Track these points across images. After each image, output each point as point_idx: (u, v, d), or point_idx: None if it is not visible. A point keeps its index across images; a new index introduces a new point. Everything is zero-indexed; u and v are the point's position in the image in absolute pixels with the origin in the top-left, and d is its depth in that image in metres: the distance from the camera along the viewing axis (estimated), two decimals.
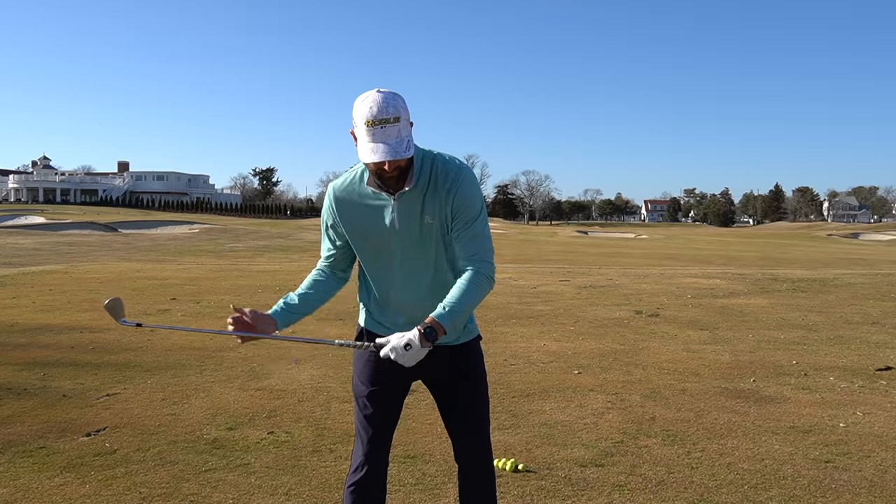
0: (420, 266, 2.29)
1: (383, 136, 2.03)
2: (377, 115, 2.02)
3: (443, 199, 2.20)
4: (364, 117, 2.03)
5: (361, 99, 2.07)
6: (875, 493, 3.45)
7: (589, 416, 4.69)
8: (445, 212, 2.21)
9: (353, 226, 2.30)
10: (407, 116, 2.08)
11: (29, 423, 4.41)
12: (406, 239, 2.25)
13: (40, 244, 28.64)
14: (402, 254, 2.27)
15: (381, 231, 2.25)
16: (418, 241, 2.25)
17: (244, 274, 15.40)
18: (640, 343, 7.33)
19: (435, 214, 2.21)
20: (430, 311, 2.17)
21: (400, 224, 2.22)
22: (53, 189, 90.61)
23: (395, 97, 2.06)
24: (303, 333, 7.65)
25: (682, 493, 3.44)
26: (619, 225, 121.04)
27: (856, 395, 5.30)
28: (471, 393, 2.45)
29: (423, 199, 2.20)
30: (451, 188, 2.19)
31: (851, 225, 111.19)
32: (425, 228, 2.23)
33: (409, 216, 2.22)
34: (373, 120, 2.02)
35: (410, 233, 2.24)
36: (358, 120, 2.06)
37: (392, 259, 2.29)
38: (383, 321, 2.37)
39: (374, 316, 2.40)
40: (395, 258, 2.28)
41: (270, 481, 3.53)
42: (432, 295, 2.28)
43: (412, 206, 2.21)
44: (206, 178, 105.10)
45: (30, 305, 9.74)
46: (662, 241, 54.30)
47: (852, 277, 14.94)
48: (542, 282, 13.67)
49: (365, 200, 2.26)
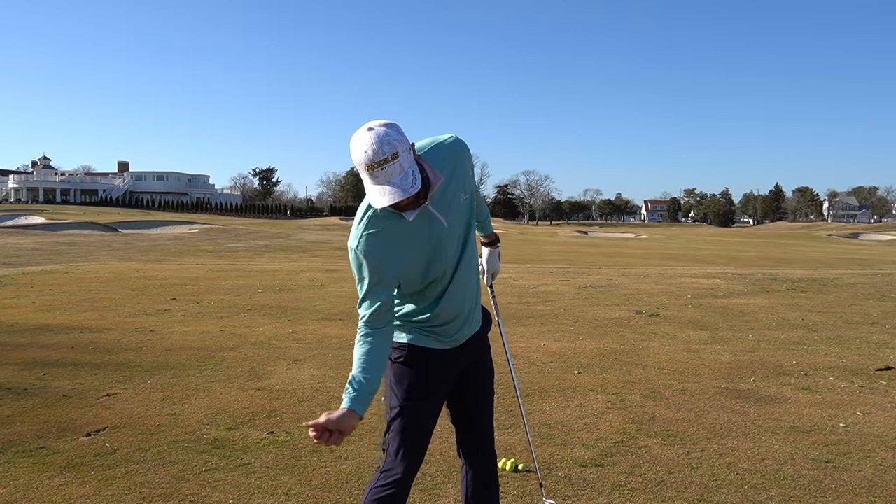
0: (470, 255, 2.32)
1: (385, 177, 1.95)
2: (373, 158, 1.92)
3: (462, 165, 2.24)
4: (362, 162, 1.94)
5: (355, 142, 1.96)
6: (875, 493, 3.45)
7: (589, 416, 4.69)
8: (469, 178, 2.29)
9: (408, 259, 2.15)
10: (405, 146, 1.97)
11: (29, 423, 4.41)
12: (454, 234, 2.23)
13: (40, 244, 28.64)
14: (456, 255, 2.26)
15: (436, 241, 2.18)
16: (461, 228, 2.25)
17: (244, 274, 15.39)
18: (640, 343, 7.33)
19: (465, 186, 2.25)
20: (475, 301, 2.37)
21: (448, 221, 2.19)
22: (53, 189, 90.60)
23: (387, 132, 1.94)
24: (303, 333, 7.66)
25: (682, 493, 3.44)
26: (619, 225, 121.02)
27: (856, 395, 5.30)
28: (489, 384, 2.53)
29: (450, 181, 2.19)
30: (460, 154, 2.24)
31: (851, 225, 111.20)
32: (465, 207, 2.25)
33: (449, 203, 2.20)
34: (371, 164, 1.93)
35: (456, 226, 2.23)
36: (357, 165, 1.98)
37: (450, 265, 2.25)
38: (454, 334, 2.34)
39: (437, 334, 2.33)
40: (454, 262, 2.25)
41: (270, 481, 3.53)
42: (473, 284, 2.35)
43: (446, 194, 2.19)
44: (206, 178, 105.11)
45: (30, 305, 9.74)
46: (662, 241, 54.30)
47: (852, 277, 14.93)
48: (542, 282, 13.67)
49: (402, 225, 2.11)
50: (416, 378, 2.31)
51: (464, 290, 2.30)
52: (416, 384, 2.31)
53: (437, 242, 2.18)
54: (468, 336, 2.38)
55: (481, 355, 2.47)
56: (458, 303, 2.29)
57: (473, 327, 2.40)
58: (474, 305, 2.38)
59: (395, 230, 2.11)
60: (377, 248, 2.10)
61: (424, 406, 2.32)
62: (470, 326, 2.37)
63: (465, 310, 2.32)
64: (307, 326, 8.17)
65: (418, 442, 2.32)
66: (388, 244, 2.11)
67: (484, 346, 2.48)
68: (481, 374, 2.49)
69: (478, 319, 2.43)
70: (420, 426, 2.32)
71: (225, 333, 7.64)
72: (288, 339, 7.39)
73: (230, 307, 9.73)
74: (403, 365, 2.31)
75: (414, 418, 2.31)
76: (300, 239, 37.31)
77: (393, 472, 2.29)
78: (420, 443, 2.33)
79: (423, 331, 2.30)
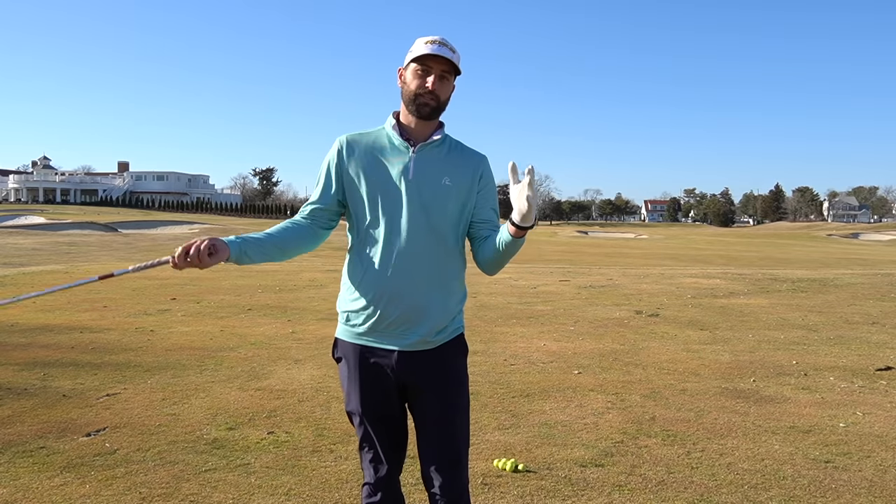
0: (425, 235, 2.13)
1: (441, 48, 2.13)
2: (440, 39, 2.15)
3: (470, 170, 2.23)
4: (426, 39, 2.15)
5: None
6: (875, 493, 3.45)
7: (589, 416, 4.69)
8: (469, 185, 2.21)
9: (364, 174, 2.18)
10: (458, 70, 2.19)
11: (29, 423, 4.41)
12: (418, 194, 2.13)
13: (40, 244, 28.63)
14: (409, 214, 2.12)
15: (394, 181, 2.16)
16: (430, 202, 2.14)
17: (244, 274, 15.38)
18: (640, 343, 7.33)
19: (455, 181, 2.19)
20: (427, 302, 2.13)
21: (415, 174, 2.15)
22: (53, 189, 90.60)
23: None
24: (303, 333, 7.66)
25: (682, 493, 3.44)
26: (619, 225, 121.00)
27: (856, 395, 5.30)
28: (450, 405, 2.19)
29: (445, 161, 2.21)
30: (478, 164, 2.26)
31: (851, 225, 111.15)
32: (441, 190, 2.16)
33: (428, 172, 2.17)
34: (435, 39, 2.15)
35: (424, 189, 2.14)
36: (417, 45, 2.15)
37: (398, 221, 2.13)
38: (372, 323, 2.16)
39: (358, 319, 2.19)
40: (400, 219, 2.13)
41: (270, 481, 3.53)
42: (431, 281, 2.14)
43: (432, 163, 2.19)
44: (206, 178, 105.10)
45: (30, 305, 9.74)
46: (662, 241, 54.28)
47: (852, 277, 14.93)
48: (542, 282, 13.66)
49: (382, 149, 2.21)
50: (345, 378, 2.26)
51: (401, 268, 2.11)
52: (346, 384, 2.25)
53: (394, 183, 2.16)
54: (388, 338, 2.15)
55: (433, 382, 2.17)
56: (385, 274, 2.12)
57: (401, 332, 2.15)
58: (414, 304, 2.13)
59: (376, 149, 2.21)
60: (349, 146, 2.22)
61: (365, 411, 2.20)
62: (395, 323, 2.14)
63: (388, 290, 2.12)
64: (307, 326, 8.17)
65: (373, 447, 2.22)
66: (361, 152, 2.21)
67: (439, 373, 2.18)
68: (429, 405, 2.18)
69: (420, 331, 2.15)
70: (367, 432, 2.22)
71: (225, 333, 7.64)
72: (288, 339, 7.38)
73: (230, 307, 9.73)
74: (337, 362, 2.31)
75: (360, 423, 2.23)
76: None
77: (365, 479, 2.28)
78: (375, 448, 2.22)
79: (349, 315, 2.23)
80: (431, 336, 2.16)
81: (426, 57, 2.13)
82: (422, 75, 2.14)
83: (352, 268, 2.23)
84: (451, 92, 2.21)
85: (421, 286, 2.14)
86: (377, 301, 2.14)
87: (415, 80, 2.15)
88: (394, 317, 2.13)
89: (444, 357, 2.19)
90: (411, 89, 2.16)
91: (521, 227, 2.02)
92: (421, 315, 2.14)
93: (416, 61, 2.14)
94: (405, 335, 2.15)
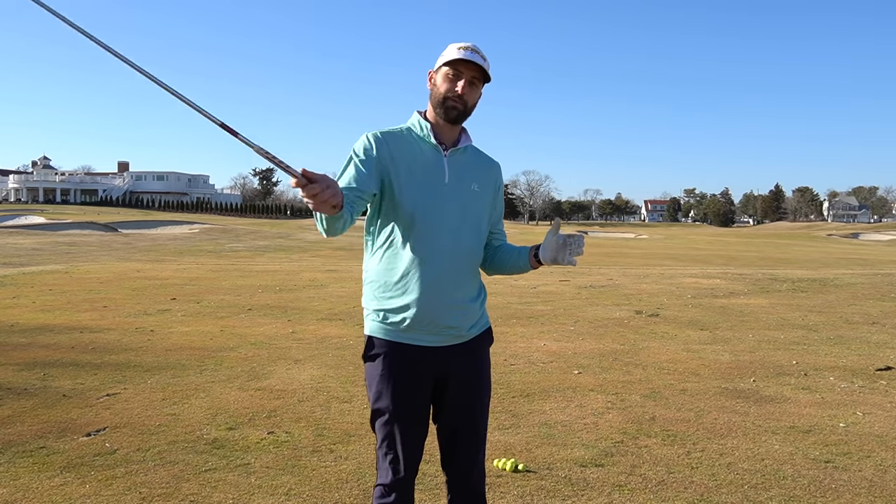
0: (464, 236, 2.23)
1: (473, 55, 2.18)
2: (472, 45, 2.19)
3: (493, 178, 2.35)
4: (458, 45, 2.19)
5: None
6: (875, 493, 3.45)
7: (589, 416, 4.69)
8: (493, 193, 2.35)
9: (403, 170, 2.16)
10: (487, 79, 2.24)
11: (29, 423, 4.41)
12: (455, 197, 2.22)
13: (40, 244, 28.63)
14: (450, 215, 2.20)
15: (433, 182, 2.19)
16: (466, 206, 2.25)
17: (244, 274, 15.38)
18: (640, 343, 7.33)
19: (482, 187, 2.30)
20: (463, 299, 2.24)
21: (450, 178, 2.22)
22: (53, 189, 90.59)
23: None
24: (303, 333, 7.66)
25: (682, 493, 3.44)
26: (619, 225, 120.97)
27: (856, 395, 5.30)
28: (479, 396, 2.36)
29: (473, 167, 2.30)
30: (497, 173, 2.38)
31: (851, 225, 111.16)
32: (472, 195, 2.27)
33: (460, 177, 2.25)
34: (468, 45, 2.19)
35: (459, 192, 2.23)
36: (449, 49, 2.19)
37: (438, 221, 2.17)
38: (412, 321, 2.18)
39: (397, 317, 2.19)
40: (441, 220, 2.18)
41: (270, 481, 3.53)
42: (467, 280, 2.26)
43: (463, 168, 2.27)
44: (206, 178, 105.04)
45: (30, 305, 9.74)
46: (662, 241, 54.29)
47: (852, 277, 14.93)
48: (542, 282, 13.66)
49: (417, 149, 2.22)
50: (376, 376, 2.24)
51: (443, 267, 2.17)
52: (377, 382, 2.23)
53: (433, 184, 2.20)
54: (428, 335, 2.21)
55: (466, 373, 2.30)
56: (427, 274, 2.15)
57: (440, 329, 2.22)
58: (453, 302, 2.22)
59: (414, 145, 2.23)
60: (382, 140, 2.20)
61: (396, 408, 2.20)
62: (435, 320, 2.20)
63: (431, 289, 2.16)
64: (307, 326, 8.17)
65: (394, 448, 2.21)
66: (399, 146, 2.21)
67: (474, 361, 2.34)
68: (461, 395, 2.30)
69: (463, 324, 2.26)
70: (391, 432, 2.21)
71: (225, 333, 7.64)
72: (288, 339, 7.38)
73: (230, 307, 9.73)
74: (368, 362, 2.27)
75: (386, 422, 2.22)
76: (300, 239, 37.30)
77: (378, 480, 2.25)
78: (396, 450, 2.20)
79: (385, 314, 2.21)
80: (465, 330, 2.29)
81: (458, 62, 2.17)
82: (452, 79, 2.19)
83: (387, 265, 2.21)
84: (478, 98, 2.26)
85: (460, 285, 2.25)
86: (419, 299, 2.18)
87: (445, 84, 2.20)
88: (435, 314, 2.20)
89: (476, 348, 2.35)
90: (441, 92, 2.21)
91: (541, 264, 2.25)
92: (458, 312, 2.25)
93: (448, 65, 2.19)
94: (444, 331, 2.24)
